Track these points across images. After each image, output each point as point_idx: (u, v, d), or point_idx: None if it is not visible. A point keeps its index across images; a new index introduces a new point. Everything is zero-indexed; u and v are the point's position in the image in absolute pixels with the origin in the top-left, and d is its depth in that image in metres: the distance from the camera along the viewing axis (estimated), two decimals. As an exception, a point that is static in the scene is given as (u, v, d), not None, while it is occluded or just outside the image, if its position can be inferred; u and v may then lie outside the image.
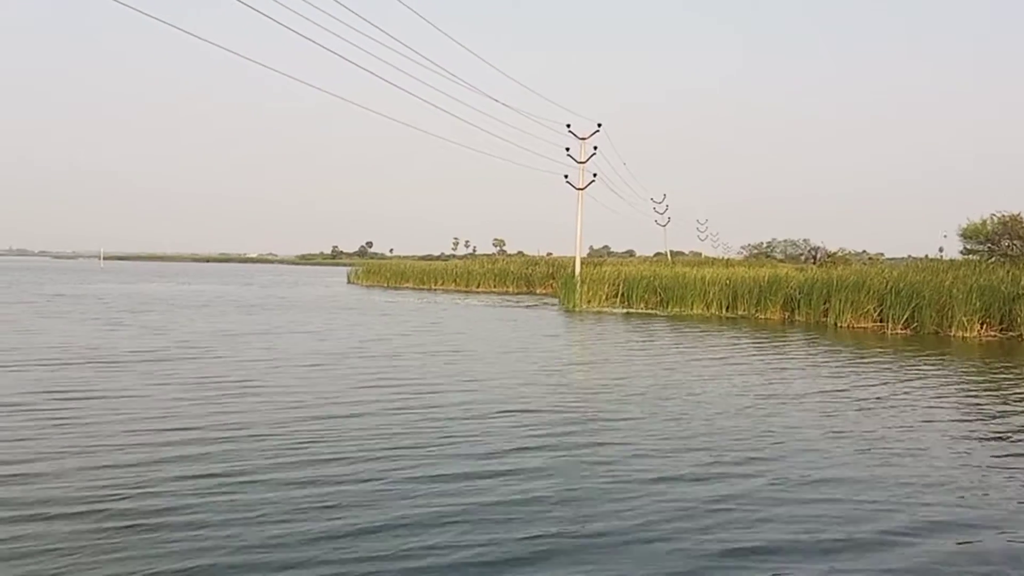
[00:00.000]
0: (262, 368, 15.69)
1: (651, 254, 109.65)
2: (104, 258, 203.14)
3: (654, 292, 37.88)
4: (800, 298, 33.15)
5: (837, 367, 17.87)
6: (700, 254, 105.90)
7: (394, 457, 8.85)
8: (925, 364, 18.69)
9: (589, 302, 38.81)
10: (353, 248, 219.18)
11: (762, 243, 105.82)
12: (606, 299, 38.87)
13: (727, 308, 35.48)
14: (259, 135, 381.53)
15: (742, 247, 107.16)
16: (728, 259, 79.16)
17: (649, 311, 36.89)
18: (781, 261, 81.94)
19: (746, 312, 34.71)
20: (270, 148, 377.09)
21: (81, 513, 6.87)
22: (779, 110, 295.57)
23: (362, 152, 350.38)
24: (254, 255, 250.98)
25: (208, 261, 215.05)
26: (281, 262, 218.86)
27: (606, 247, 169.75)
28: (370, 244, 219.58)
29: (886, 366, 18.27)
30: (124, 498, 7.26)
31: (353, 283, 70.11)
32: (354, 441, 9.55)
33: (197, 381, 13.80)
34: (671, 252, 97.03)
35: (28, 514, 6.82)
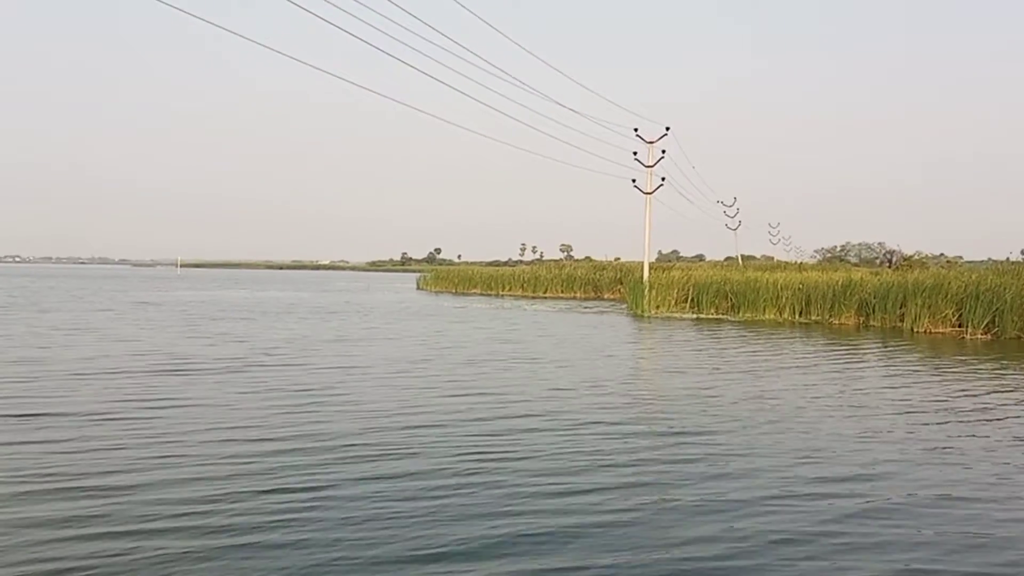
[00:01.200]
0: (344, 375, 15.66)
1: (721, 258, 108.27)
2: (180, 265, 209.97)
3: (725, 297, 37.53)
4: (875, 303, 32.51)
5: (925, 376, 17.18)
6: (772, 258, 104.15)
7: (481, 471, 8.52)
8: (1014, 371, 18.18)
9: (658, 307, 38.65)
10: (422, 254, 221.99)
11: (836, 247, 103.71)
12: (675, 304, 38.65)
13: (800, 313, 34.98)
14: (330, 146, 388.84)
15: (815, 251, 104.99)
16: (801, 263, 77.77)
17: (719, 316, 36.56)
18: (855, 265, 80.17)
19: (819, 317, 34.16)
20: (341, 158, 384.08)
21: (169, 530, 6.62)
22: (851, 111, 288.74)
23: (430, 160, 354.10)
24: (326, 262, 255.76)
25: (281, 268, 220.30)
26: (352, 269, 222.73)
27: (675, 251, 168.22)
28: (438, 250, 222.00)
29: (976, 372, 17.73)
30: (213, 513, 7.02)
31: (422, 289, 71.19)
32: (440, 453, 9.30)
33: (281, 389, 13.82)
34: (742, 256, 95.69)
35: (114, 531, 6.57)
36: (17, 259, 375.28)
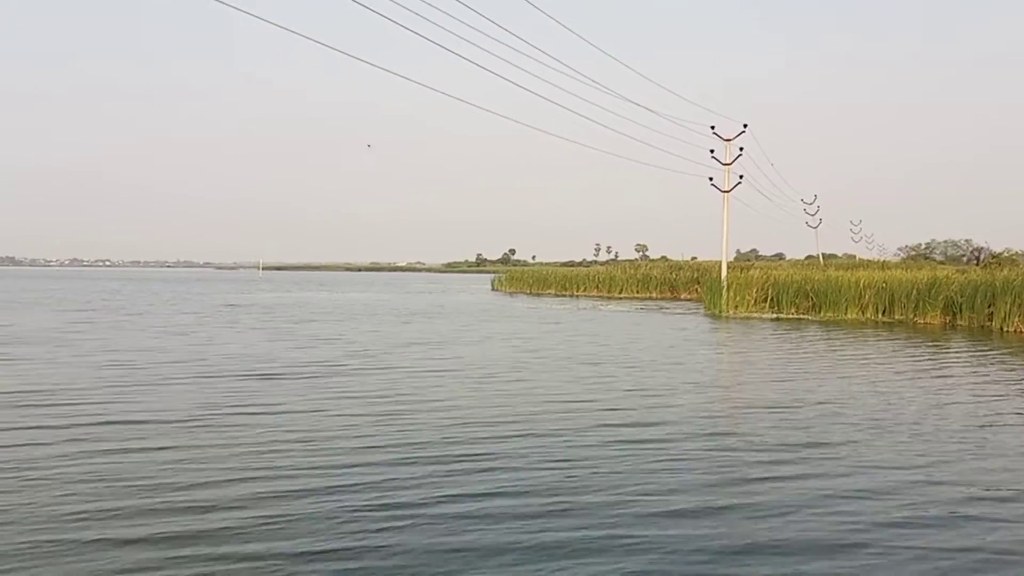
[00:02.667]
0: (432, 380, 15.46)
1: (802, 257, 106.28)
2: (262, 268, 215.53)
3: (805, 296, 37.02)
4: (962, 301, 31.69)
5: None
6: (854, 256, 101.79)
7: (572, 489, 7.88)
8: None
9: (736, 307, 38.32)
10: (496, 255, 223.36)
11: (920, 244, 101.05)
12: (754, 304, 38.26)
13: (883, 312, 34.32)
14: (406, 153, 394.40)
15: (899, 249, 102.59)
16: (884, 261, 75.90)
17: (800, 316, 36.09)
18: (941, 263, 77.90)
19: (903, 317, 33.47)
20: (415, 165, 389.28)
21: (261, 555, 6.15)
22: (933, 104, 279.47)
23: (504, 161, 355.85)
24: (403, 264, 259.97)
25: (359, 270, 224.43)
26: (428, 270, 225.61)
27: (754, 250, 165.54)
28: (513, 251, 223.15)
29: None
30: (305, 534, 6.56)
31: (497, 290, 71.76)
32: (530, 466, 8.76)
33: (375, 395, 13.61)
34: (823, 255, 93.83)
35: (199, 553, 6.16)
36: (107, 263, 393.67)
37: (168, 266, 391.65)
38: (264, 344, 22.25)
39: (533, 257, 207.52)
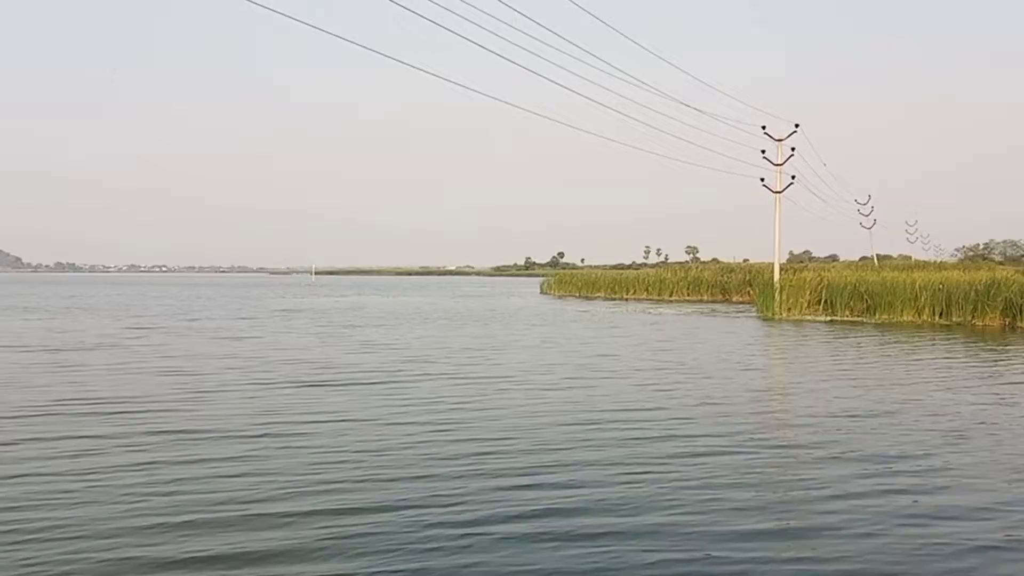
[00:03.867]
0: (493, 387, 15.17)
1: (856, 258, 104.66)
2: (315, 273, 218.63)
3: (860, 298, 36.54)
4: (1022, 303, 31.08)
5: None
6: (910, 257, 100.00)
7: (637, 508, 7.45)
8: None
9: (789, 310, 38.01)
10: (545, 259, 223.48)
11: (978, 244, 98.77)
12: (807, 307, 37.90)
13: (940, 314, 33.75)
14: (453, 160, 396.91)
15: (956, 249, 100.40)
16: (940, 262, 74.46)
17: (854, 319, 35.68)
18: (1000, 263, 76.10)
19: (961, 319, 32.90)
20: (465, 167, 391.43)
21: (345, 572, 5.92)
22: (993, 103, 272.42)
23: (552, 164, 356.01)
24: (452, 268, 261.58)
25: (410, 274, 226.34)
26: (478, 274, 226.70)
27: (807, 252, 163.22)
28: (562, 254, 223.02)
29: None
30: (367, 554, 6.28)
31: (546, 293, 71.94)
32: (596, 481, 8.33)
33: (429, 401, 13.43)
34: (877, 256, 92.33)
35: (256, 572, 5.95)
36: (164, 268, 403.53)
37: (222, 271, 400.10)
38: (321, 349, 22.30)
39: (582, 260, 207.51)
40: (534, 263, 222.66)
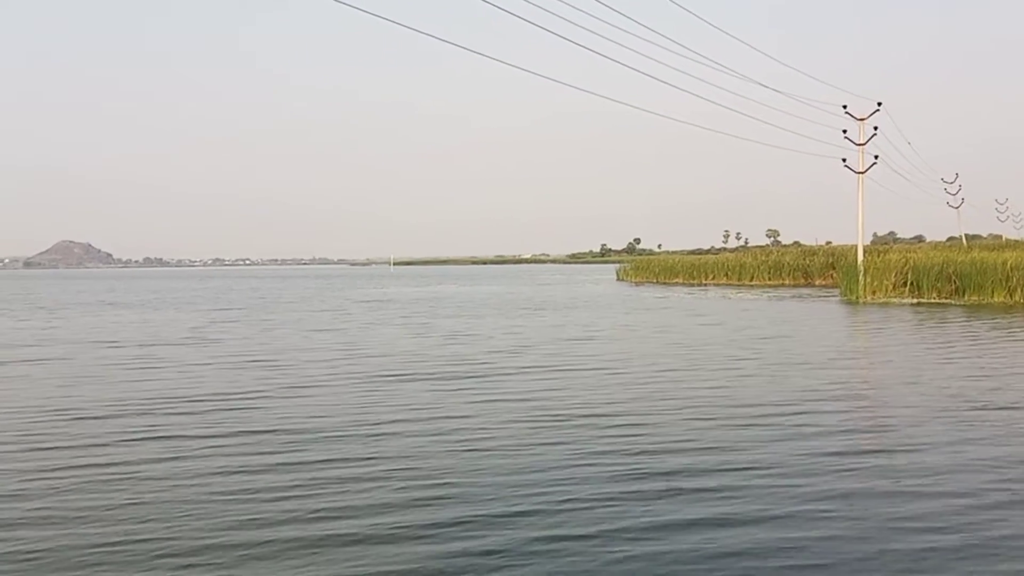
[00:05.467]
0: (590, 381, 14.34)
1: (943, 239, 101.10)
2: (393, 264, 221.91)
3: (948, 280, 35.50)
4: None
5: None
6: (1000, 237, 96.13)
7: (752, 519, 6.84)
8: None
9: (874, 292, 37.15)
10: (621, 245, 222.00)
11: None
12: (893, 289, 36.99)
13: (1034, 295, 32.58)
14: (526, 148, 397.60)
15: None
16: (1035, 240, 71.43)
17: (942, 301, 34.68)
18: (1101, 240, 72.56)
19: (1058, 299, 31.70)
20: (537, 156, 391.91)
21: None
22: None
23: (627, 150, 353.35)
24: (527, 256, 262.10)
25: (486, 263, 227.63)
26: (553, 261, 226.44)
27: (891, 233, 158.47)
28: (638, 240, 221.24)
29: None
30: (473, 570, 5.82)
31: (622, 280, 71.34)
32: (716, 493, 7.52)
33: (526, 395, 12.88)
34: (966, 236, 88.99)
35: None
36: (247, 262, 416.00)
37: (304, 263, 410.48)
38: (407, 341, 22.06)
39: (659, 246, 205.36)
40: (610, 250, 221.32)
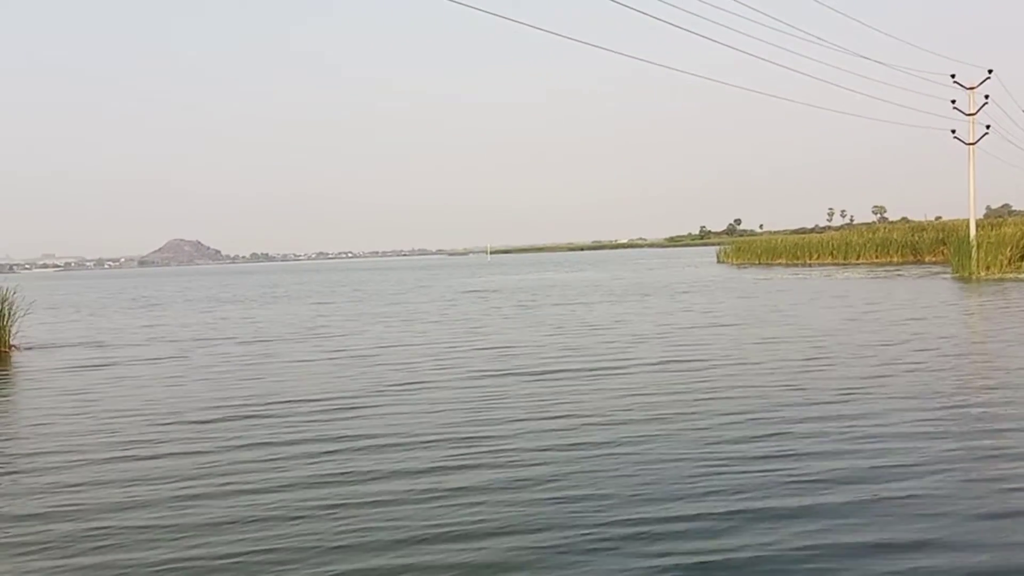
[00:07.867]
0: (713, 376, 13.01)
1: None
2: (491, 252, 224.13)
3: (1071, 252, 34.19)
4: None
5: None
6: None
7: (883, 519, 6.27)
8: None
9: (988, 268, 36.06)
10: (721, 227, 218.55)
11: None
12: (1009, 264, 35.82)
13: None
14: (617, 128, 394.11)
15: None
16: None
17: (1064, 274, 33.38)
18: None
19: None
20: (632, 134, 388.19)
21: None
22: None
23: (726, 128, 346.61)
24: (624, 240, 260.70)
25: (582, 249, 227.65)
26: (650, 246, 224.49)
27: (1006, 206, 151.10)
28: (738, 221, 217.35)
29: None
30: None
31: (723, 262, 70.55)
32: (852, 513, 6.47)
33: (657, 391, 11.83)
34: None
35: None
36: (349, 255, 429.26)
37: (404, 255, 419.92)
38: (518, 332, 20.86)
39: (760, 226, 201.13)
40: (709, 232, 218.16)
